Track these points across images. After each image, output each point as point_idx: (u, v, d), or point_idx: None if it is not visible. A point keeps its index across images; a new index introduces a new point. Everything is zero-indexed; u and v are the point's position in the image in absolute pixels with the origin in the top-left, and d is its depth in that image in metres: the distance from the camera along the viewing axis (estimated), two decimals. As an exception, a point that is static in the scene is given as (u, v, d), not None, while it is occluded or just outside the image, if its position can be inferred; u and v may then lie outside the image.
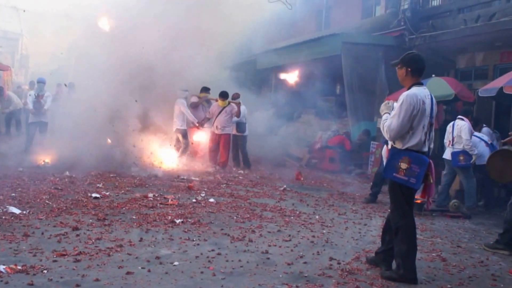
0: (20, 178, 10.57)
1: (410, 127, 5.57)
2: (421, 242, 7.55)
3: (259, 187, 11.86)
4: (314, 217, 8.93)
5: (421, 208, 9.97)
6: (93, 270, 5.36)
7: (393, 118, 5.64)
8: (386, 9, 18.73)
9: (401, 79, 5.93)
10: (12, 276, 5.03)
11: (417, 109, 5.53)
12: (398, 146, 5.72)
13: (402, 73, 5.86)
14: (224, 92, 14.57)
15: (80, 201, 8.85)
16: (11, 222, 7.13)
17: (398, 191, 5.75)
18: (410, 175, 5.54)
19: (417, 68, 5.82)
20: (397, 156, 5.66)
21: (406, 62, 5.83)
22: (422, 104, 5.56)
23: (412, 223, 5.79)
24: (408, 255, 5.66)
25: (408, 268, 5.64)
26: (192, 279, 5.33)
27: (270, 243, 6.95)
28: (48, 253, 5.87)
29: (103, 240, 6.56)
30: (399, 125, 5.57)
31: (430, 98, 5.71)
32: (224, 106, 14.59)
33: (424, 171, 5.53)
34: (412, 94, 5.60)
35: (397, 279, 5.64)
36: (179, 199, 9.58)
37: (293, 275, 5.67)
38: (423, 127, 5.58)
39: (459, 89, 13.40)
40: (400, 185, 5.67)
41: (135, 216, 7.99)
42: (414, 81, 5.79)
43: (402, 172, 5.57)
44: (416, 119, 5.55)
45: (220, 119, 14.58)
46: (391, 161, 5.70)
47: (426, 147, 5.68)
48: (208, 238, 7.01)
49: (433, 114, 5.72)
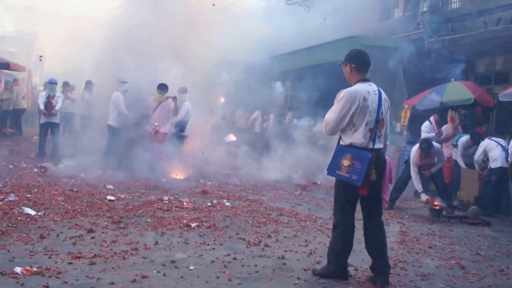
0: (35, 179, 10.57)
1: (351, 123, 5.50)
2: (439, 249, 7.48)
3: (275, 191, 11.78)
4: (331, 222, 8.82)
5: (439, 214, 9.87)
6: (108, 273, 5.32)
7: (331, 112, 5.62)
8: (405, 12, 18.60)
9: (347, 77, 5.85)
10: (27, 278, 5.02)
11: (356, 106, 5.43)
12: (342, 142, 5.66)
13: (348, 71, 5.79)
14: (163, 84, 13.12)
15: (95, 203, 8.84)
16: (26, 223, 7.13)
17: (341, 189, 5.66)
18: (352, 172, 5.41)
19: (360, 63, 5.72)
20: (340, 153, 5.58)
21: (350, 58, 5.77)
22: (363, 100, 5.44)
23: (351, 222, 5.70)
24: (341, 254, 5.68)
25: (339, 265, 5.68)
26: (207, 283, 5.28)
27: (286, 248, 6.88)
28: (63, 255, 5.85)
29: (118, 243, 6.52)
30: (334, 120, 5.54)
31: (378, 94, 5.59)
32: (161, 100, 13.18)
33: (366, 167, 5.37)
34: (351, 90, 5.53)
35: (328, 275, 5.67)
36: (194, 202, 9.54)
37: (310, 281, 5.61)
38: (366, 124, 5.46)
39: (478, 93, 13.29)
40: (343, 182, 5.58)
41: (150, 219, 7.96)
42: (359, 77, 5.69)
43: (345, 169, 5.46)
44: (356, 115, 5.45)
45: (156, 115, 13.17)
46: (335, 159, 5.61)
47: (373, 144, 5.53)
48: (224, 242, 6.95)
49: (382, 110, 5.58)
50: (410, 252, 7.17)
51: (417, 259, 6.84)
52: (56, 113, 14.21)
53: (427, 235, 8.42)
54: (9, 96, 20.57)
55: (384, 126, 5.67)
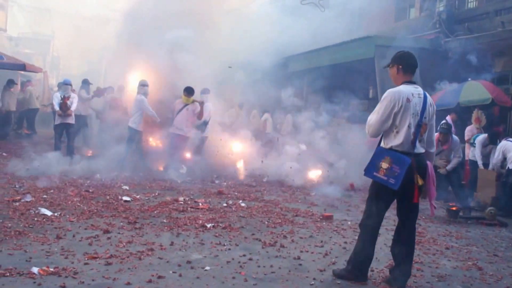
0: (51, 180, 10.63)
1: (393, 125, 5.40)
2: (456, 250, 7.42)
3: (290, 192, 11.75)
4: (346, 223, 8.80)
5: (456, 215, 9.80)
6: (125, 274, 5.33)
7: (373, 114, 5.53)
8: (421, 11, 18.53)
9: (393, 79, 5.75)
10: (44, 278, 5.05)
11: (399, 106, 5.33)
12: (383, 145, 5.56)
13: (394, 72, 5.69)
14: (189, 87, 13.34)
15: (111, 204, 8.88)
16: (43, 224, 7.17)
17: (374, 191, 5.59)
18: (390, 175, 5.31)
19: (408, 64, 5.63)
20: (380, 155, 5.48)
21: (397, 59, 5.68)
22: (406, 101, 5.34)
23: (375, 226, 5.60)
24: (360, 254, 5.61)
25: (357, 265, 5.62)
26: (223, 284, 5.28)
27: (302, 248, 6.85)
28: (79, 255, 5.87)
29: (134, 243, 6.54)
30: (378, 121, 5.45)
31: (423, 98, 5.50)
32: (187, 103, 13.35)
33: (405, 172, 5.26)
34: (395, 91, 5.44)
35: (346, 276, 5.64)
36: (209, 203, 9.54)
37: (326, 282, 5.58)
38: (408, 126, 5.35)
39: (496, 93, 13.18)
40: (378, 185, 5.49)
41: (166, 219, 7.97)
42: (405, 79, 5.60)
43: (383, 171, 5.36)
44: (398, 116, 5.36)
45: (179, 118, 13.33)
46: (374, 160, 5.51)
47: (415, 148, 5.42)
48: (239, 243, 6.95)
49: (426, 115, 5.47)
50: (426, 253, 7.11)
51: (434, 260, 6.79)
52: (71, 114, 14.26)
53: (444, 236, 8.36)
54: (23, 96, 20.76)
55: (427, 131, 5.55)
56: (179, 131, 13.24)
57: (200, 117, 13.49)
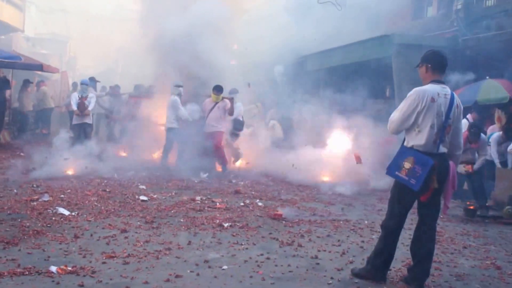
0: (68, 180, 10.68)
1: (416, 124, 5.35)
2: (474, 249, 7.36)
3: (308, 190, 11.72)
4: (363, 222, 8.77)
5: (474, 214, 9.72)
6: (142, 273, 5.36)
7: (396, 111, 5.50)
8: (438, 9, 18.35)
9: (422, 78, 5.65)
10: (63, 276, 5.10)
11: (422, 106, 5.27)
12: (406, 143, 5.52)
13: (423, 71, 5.60)
14: (218, 85, 13.70)
15: (128, 203, 8.91)
16: (60, 223, 7.22)
17: (396, 190, 5.55)
18: (412, 175, 5.27)
19: (436, 63, 5.52)
20: (403, 154, 5.44)
21: (426, 58, 5.59)
22: (431, 101, 5.27)
23: (397, 227, 5.59)
24: (380, 255, 5.59)
25: (375, 265, 5.59)
26: (241, 283, 5.28)
27: (319, 248, 6.83)
28: (97, 254, 5.91)
29: (152, 242, 6.56)
30: (400, 119, 5.43)
31: (450, 98, 5.41)
32: (217, 101, 13.69)
33: (427, 173, 5.22)
34: (420, 89, 5.38)
35: (365, 275, 5.62)
36: (227, 202, 9.54)
37: (344, 281, 5.57)
38: (431, 127, 5.29)
39: (514, 92, 13.03)
40: (400, 184, 5.46)
41: (183, 219, 7.99)
42: (433, 78, 5.50)
43: (405, 171, 5.32)
44: (421, 115, 5.30)
45: (212, 116, 13.69)
46: (396, 160, 5.48)
47: (437, 148, 5.37)
48: (257, 242, 6.94)
49: (451, 116, 5.39)
50: (444, 252, 7.06)
51: (452, 259, 6.74)
52: (88, 114, 14.34)
53: (462, 235, 8.30)
54: (38, 96, 20.93)
55: (451, 132, 5.47)
56: (213, 128, 13.58)
57: (231, 113, 13.74)
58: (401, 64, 15.35)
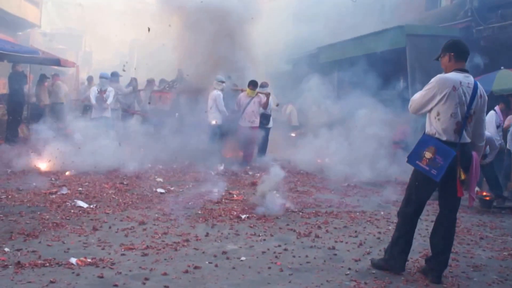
0: (86, 173, 10.76)
1: (435, 110, 5.29)
2: (491, 240, 7.33)
3: (325, 182, 11.72)
4: (380, 213, 8.77)
5: (490, 205, 9.68)
6: (161, 264, 5.40)
7: (418, 93, 5.51)
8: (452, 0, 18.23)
9: (445, 67, 5.55)
10: (82, 268, 5.15)
11: (442, 94, 5.21)
12: (426, 131, 5.46)
13: (446, 60, 5.50)
14: (254, 80, 13.97)
15: (146, 196, 8.97)
16: (79, 216, 7.30)
17: (415, 179, 5.49)
18: (433, 165, 5.22)
19: (460, 51, 5.45)
20: (425, 143, 5.37)
21: (448, 47, 5.50)
22: (452, 89, 5.19)
23: (413, 214, 5.54)
24: (396, 243, 5.56)
25: (393, 255, 5.57)
26: (259, 274, 5.31)
27: (336, 239, 6.85)
28: (116, 246, 5.96)
29: (170, 234, 6.61)
30: (418, 102, 5.44)
31: (473, 88, 5.33)
32: (252, 96, 13.92)
33: (448, 164, 5.17)
34: (442, 77, 5.33)
35: (383, 266, 5.61)
36: (244, 194, 9.57)
37: (361, 272, 5.58)
38: (451, 115, 5.22)
39: (528, 82, 12.93)
40: (419, 173, 5.40)
41: (201, 211, 8.03)
42: (457, 66, 5.41)
43: (426, 161, 5.26)
44: (441, 103, 5.23)
45: (249, 110, 13.95)
46: (418, 148, 5.41)
47: (459, 138, 5.29)
48: (274, 233, 6.97)
49: (473, 106, 5.31)
50: (461, 243, 7.04)
51: (469, 250, 6.73)
52: (107, 107, 14.36)
53: (478, 226, 8.26)
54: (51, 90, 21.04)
55: (474, 122, 5.40)
56: (251, 123, 13.87)
57: (265, 106, 13.96)
58: (414, 55, 15.29)
